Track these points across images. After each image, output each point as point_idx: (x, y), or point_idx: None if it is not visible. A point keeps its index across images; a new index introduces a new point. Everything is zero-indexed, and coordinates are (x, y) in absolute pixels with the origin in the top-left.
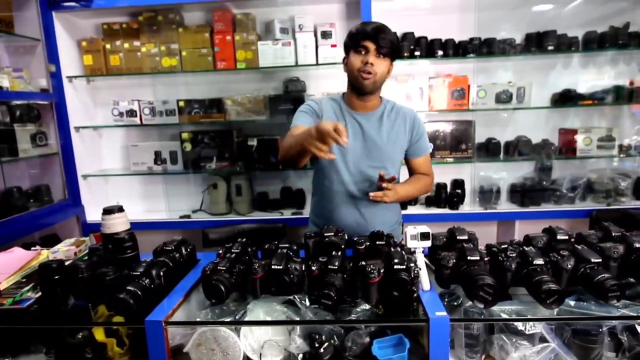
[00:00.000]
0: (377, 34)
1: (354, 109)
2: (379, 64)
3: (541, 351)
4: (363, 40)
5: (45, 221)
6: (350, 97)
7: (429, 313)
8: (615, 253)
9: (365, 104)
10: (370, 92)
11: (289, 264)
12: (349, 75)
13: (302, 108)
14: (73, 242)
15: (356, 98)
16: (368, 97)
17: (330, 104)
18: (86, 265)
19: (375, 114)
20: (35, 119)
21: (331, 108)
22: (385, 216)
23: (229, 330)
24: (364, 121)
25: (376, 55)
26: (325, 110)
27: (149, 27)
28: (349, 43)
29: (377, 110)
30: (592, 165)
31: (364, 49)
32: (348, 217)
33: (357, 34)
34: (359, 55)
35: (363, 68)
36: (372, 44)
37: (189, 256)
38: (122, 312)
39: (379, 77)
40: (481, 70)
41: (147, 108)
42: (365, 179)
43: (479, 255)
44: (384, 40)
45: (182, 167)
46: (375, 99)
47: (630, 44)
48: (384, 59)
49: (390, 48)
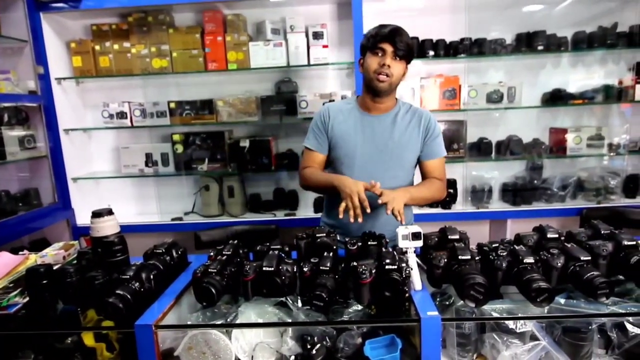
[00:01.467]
0: (395, 36)
1: (368, 110)
2: (395, 66)
3: (532, 349)
4: (381, 42)
5: (35, 225)
6: (365, 99)
7: (420, 313)
8: (604, 251)
9: (380, 106)
10: (385, 94)
11: (281, 265)
12: (365, 77)
13: (312, 124)
14: (62, 246)
15: (371, 100)
16: (383, 99)
17: (342, 107)
18: (75, 269)
19: (389, 116)
20: (24, 122)
21: (341, 113)
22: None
23: (220, 333)
24: (377, 123)
25: (393, 58)
26: (334, 118)
27: (138, 28)
28: (366, 44)
29: (391, 112)
30: (582, 164)
31: (381, 51)
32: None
33: (375, 36)
34: (375, 57)
35: (380, 70)
36: (389, 46)
37: (180, 259)
38: (112, 317)
39: (395, 79)
40: (472, 70)
41: (137, 110)
42: (369, 180)
43: (470, 254)
44: (402, 43)
45: (174, 169)
46: (390, 100)
47: (618, 44)
48: (400, 61)
49: (406, 50)
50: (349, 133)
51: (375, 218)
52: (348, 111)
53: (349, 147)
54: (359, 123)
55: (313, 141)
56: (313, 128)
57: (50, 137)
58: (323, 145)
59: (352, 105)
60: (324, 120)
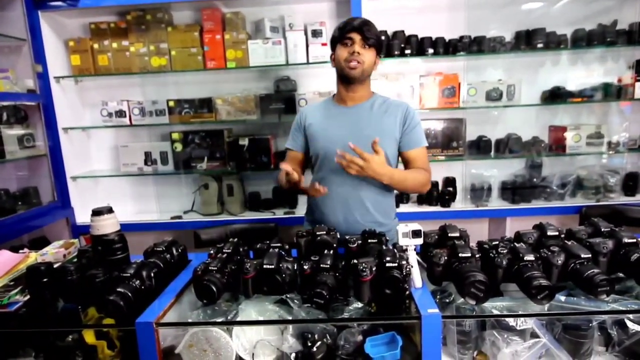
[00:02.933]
0: (362, 26)
1: (343, 102)
2: (365, 54)
3: (532, 346)
4: (349, 32)
5: (34, 224)
6: (340, 91)
7: (421, 310)
8: (605, 248)
9: (354, 95)
10: (358, 81)
11: (281, 263)
12: (337, 68)
13: (293, 125)
14: (62, 244)
15: (345, 90)
16: (357, 87)
17: (318, 106)
18: (75, 267)
19: (365, 106)
20: (22, 120)
21: (317, 110)
22: (376, 212)
23: (221, 330)
24: (352, 113)
25: (362, 46)
26: (309, 117)
27: (137, 27)
28: (335, 37)
29: (367, 102)
30: (581, 162)
31: (350, 41)
32: (337, 213)
33: (343, 28)
34: (345, 47)
35: (350, 58)
36: (357, 35)
37: (180, 257)
38: (113, 314)
39: (367, 66)
40: (471, 68)
41: (136, 108)
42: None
43: (470, 252)
44: (369, 32)
45: (173, 167)
46: (364, 90)
47: (618, 42)
48: (369, 49)
49: (375, 40)
50: (324, 127)
51: (349, 204)
52: (324, 107)
53: (325, 140)
54: (334, 116)
55: (291, 142)
56: (292, 130)
57: (49, 135)
58: (299, 144)
59: (328, 101)
60: (300, 121)
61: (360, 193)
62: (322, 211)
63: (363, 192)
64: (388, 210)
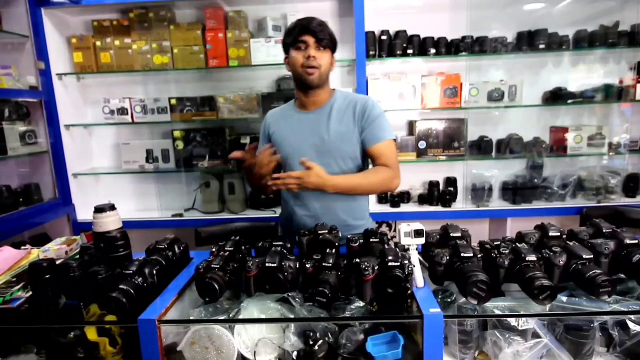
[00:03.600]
0: (315, 27)
1: (304, 107)
2: (321, 57)
3: (534, 347)
4: (302, 35)
5: (35, 220)
6: (300, 97)
7: (423, 310)
8: (606, 249)
9: (315, 100)
10: (318, 87)
11: (284, 261)
12: (294, 74)
13: (260, 133)
14: (64, 241)
15: (304, 96)
16: (316, 92)
17: (281, 112)
18: (78, 264)
19: (324, 110)
20: (25, 117)
21: (281, 118)
22: (346, 215)
23: (223, 328)
24: (312, 119)
25: (317, 49)
26: (272, 125)
27: (140, 25)
28: (288, 41)
29: (327, 105)
30: (582, 163)
31: (304, 44)
32: (306, 220)
33: (295, 30)
34: (300, 52)
35: (307, 63)
36: (311, 38)
37: (182, 255)
38: (115, 311)
39: (324, 69)
40: (473, 69)
41: (138, 106)
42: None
43: (473, 252)
44: (323, 33)
45: (175, 165)
46: (325, 93)
47: (620, 43)
48: (325, 51)
49: (329, 40)
50: (286, 136)
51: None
52: (286, 114)
53: (287, 150)
54: (295, 123)
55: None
56: (260, 139)
57: (51, 132)
58: None
59: (290, 107)
60: (265, 128)
61: (329, 198)
62: (293, 218)
63: (332, 197)
64: (359, 212)
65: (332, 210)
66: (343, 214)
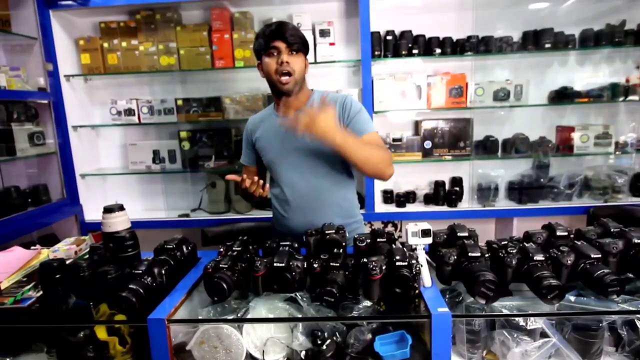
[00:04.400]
0: (285, 31)
1: (282, 112)
2: (294, 62)
3: (542, 346)
4: (272, 41)
5: (44, 221)
6: (277, 101)
7: (430, 309)
8: (615, 248)
9: (293, 102)
10: (294, 92)
11: (291, 261)
12: (268, 80)
13: (243, 138)
14: (73, 241)
15: (281, 101)
16: (293, 97)
17: (262, 117)
18: (87, 264)
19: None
20: (33, 118)
21: (261, 122)
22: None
23: (232, 327)
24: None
25: (289, 53)
26: (255, 130)
27: (146, 26)
28: (258, 48)
29: (305, 107)
30: (589, 163)
31: (275, 50)
32: (296, 221)
33: (264, 36)
34: (272, 58)
35: (280, 69)
36: (282, 43)
37: (190, 254)
38: (125, 311)
39: (298, 74)
40: (479, 68)
41: (145, 107)
42: (301, 180)
43: (480, 251)
44: (293, 37)
45: (181, 166)
46: (302, 95)
47: (626, 42)
48: (297, 55)
49: (300, 43)
50: (268, 141)
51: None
52: (266, 119)
53: (271, 155)
54: (277, 127)
55: (244, 157)
56: (243, 145)
57: (59, 133)
58: (251, 158)
59: (270, 111)
60: (248, 135)
61: (318, 199)
62: (282, 221)
63: (320, 198)
64: (349, 211)
65: (323, 212)
66: (335, 215)
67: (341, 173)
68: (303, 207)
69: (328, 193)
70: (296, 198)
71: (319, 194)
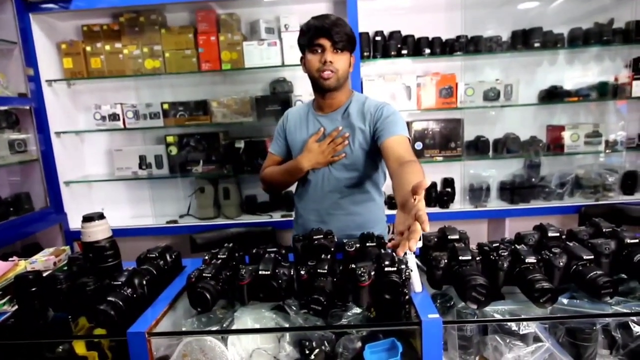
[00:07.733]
0: (331, 28)
1: (320, 109)
2: (338, 60)
3: (535, 351)
4: (317, 38)
5: (27, 230)
6: (317, 98)
7: (421, 315)
8: (607, 249)
9: (331, 102)
10: (335, 90)
11: (277, 268)
12: (310, 77)
13: (277, 126)
14: (52, 251)
15: (321, 98)
16: (333, 95)
17: (299, 111)
18: (65, 276)
19: (338, 112)
20: (14, 125)
21: (298, 117)
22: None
23: (216, 339)
24: (327, 122)
25: (333, 52)
26: (290, 122)
27: (130, 29)
28: (303, 42)
29: (341, 107)
30: (579, 161)
31: (320, 47)
32: (311, 222)
33: (309, 32)
34: (315, 55)
35: (323, 68)
36: (327, 41)
37: (174, 263)
38: (103, 324)
39: (341, 73)
40: (468, 68)
41: (130, 111)
42: (330, 181)
43: (471, 254)
44: (339, 35)
45: (168, 171)
46: (342, 95)
47: (614, 40)
48: (342, 53)
49: (347, 41)
50: (302, 137)
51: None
52: (304, 114)
53: (301, 150)
54: (311, 125)
55: (274, 145)
56: (275, 133)
57: (42, 140)
58: (282, 149)
59: (308, 107)
60: (283, 126)
61: (341, 206)
62: (298, 220)
63: (343, 205)
64: (374, 219)
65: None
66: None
67: (366, 178)
68: (325, 213)
69: (350, 203)
70: (315, 205)
71: (341, 203)
